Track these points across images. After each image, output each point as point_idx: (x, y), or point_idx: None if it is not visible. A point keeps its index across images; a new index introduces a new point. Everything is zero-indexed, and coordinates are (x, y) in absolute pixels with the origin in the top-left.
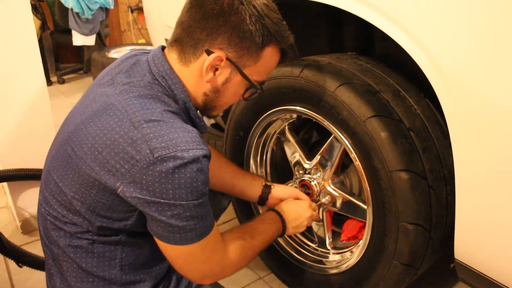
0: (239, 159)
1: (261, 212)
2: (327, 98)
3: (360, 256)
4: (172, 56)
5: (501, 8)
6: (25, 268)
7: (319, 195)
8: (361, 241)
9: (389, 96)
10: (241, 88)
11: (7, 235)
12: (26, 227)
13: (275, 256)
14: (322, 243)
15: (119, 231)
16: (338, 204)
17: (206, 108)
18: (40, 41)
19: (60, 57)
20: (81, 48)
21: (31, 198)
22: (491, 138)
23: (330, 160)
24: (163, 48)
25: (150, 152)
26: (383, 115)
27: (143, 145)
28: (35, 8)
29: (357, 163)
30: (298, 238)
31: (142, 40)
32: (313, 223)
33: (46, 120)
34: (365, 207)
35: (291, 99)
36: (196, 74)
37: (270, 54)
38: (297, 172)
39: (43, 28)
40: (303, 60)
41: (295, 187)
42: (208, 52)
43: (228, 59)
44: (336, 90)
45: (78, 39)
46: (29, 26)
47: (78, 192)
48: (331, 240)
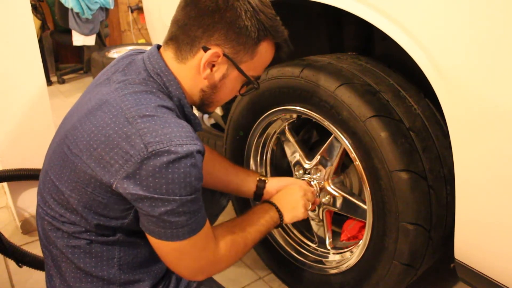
0: (239, 159)
1: None
2: (327, 98)
3: (360, 256)
4: (168, 54)
5: (501, 8)
6: (25, 268)
7: (319, 195)
8: (361, 241)
9: (389, 96)
10: (237, 84)
11: (7, 235)
12: (26, 227)
13: (275, 256)
14: (322, 243)
15: (116, 229)
16: (338, 204)
17: (203, 104)
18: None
19: (60, 57)
20: (81, 48)
21: (31, 198)
22: (491, 138)
23: (330, 160)
24: (158, 47)
25: (145, 146)
26: (383, 115)
27: (137, 139)
28: (35, 8)
29: (357, 163)
30: (298, 238)
31: (142, 40)
32: (313, 223)
33: (46, 120)
34: (365, 207)
35: (291, 99)
36: (194, 71)
37: (266, 49)
38: (297, 172)
39: (43, 28)
40: (303, 60)
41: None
42: (205, 49)
43: (225, 55)
44: (336, 90)
45: (78, 39)
46: (29, 26)
47: (75, 190)
48: (331, 240)
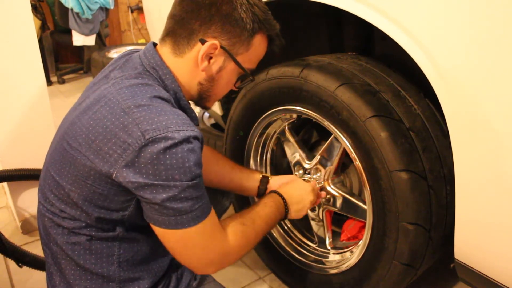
0: (239, 159)
1: None
2: (327, 98)
3: (360, 256)
4: (165, 50)
5: (501, 8)
6: (25, 268)
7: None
8: (361, 241)
9: (389, 96)
10: (234, 77)
11: (7, 235)
12: (26, 227)
13: (275, 256)
14: (322, 243)
15: (116, 223)
16: (338, 204)
17: (201, 98)
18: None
19: (60, 57)
20: (81, 48)
21: (31, 198)
22: (491, 138)
23: (330, 160)
24: (154, 44)
25: (142, 134)
26: (383, 115)
27: (134, 128)
28: (35, 8)
29: (357, 163)
30: (298, 238)
31: (142, 40)
32: (313, 223)
33: (46, 120)
34: (365, 207)
35: (291, 99)
36: (191, 64)
37: (259, 42)
38: (297, 172)
39: (43, 28)
40: (303, 60)
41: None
42: (202, 41)
43: (222, 47)
44: (336, 90)
45: (78, 39)
46: (29, 26)
47: (75, 184)
48: (331, 240)
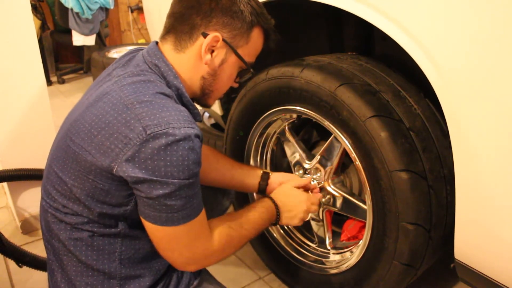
0: (239, 159)
1: None
2: (327, 98)
3: (360, 256)
4: (166, 47)
5: (501, 8)
6: (25, 268)
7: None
8: (361, 241)
9: (389, 96)
10: (235, 70)
11: (7, 235)
12: (26, 227)
13: (275, 256)
14: (322, 243)
15: (119, 219)
16: (338, 204)
17: (203, 94)
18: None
19: (60, 57)
20: (81, 48)
21: (31, 198)
22: (491, 138)
23: (330, 160)
24: (156, 43)
25: (143, 129)
26: (383, 115)
27: (136, 123)
28: (35, 8)
29: (357, 163)
30: (298, 238)
31: (142, 40)
32: (313, 223)
33: (46, 120)
34: (365, 207)
35: (291, 99)
36: (194, 58)
37: (257, 35)
38: (297, 172)
39: (43, 28)
40: (303, 60)
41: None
42: (204, 35)
43: (223, 40)
44: (336, 90)
45: (78, 39)
46: (29, 26)
47: (77, 179)
48: (331, 240)
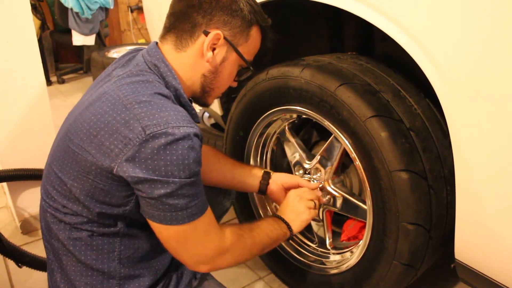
0: (239, 159)
1: (261, 213)
2: (327, 98)
3: (360, 256)
4: (166, 47)
5: (501, 8)
6: (24, 268)
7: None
8: (361, 241)
9: (389, 96)
10: (235, 68)
11: (6, 235)
12: (26, 227)
13: (275, 256)
14: (322, 243)
15: (118, 218)
16: (338, 204)
17: (204, 92)
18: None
19: (60, 57)
20: (81, 48)
21: (31, 198)
22: (491, 138)
23: (330, 160)
24: (156, 43)
25: (142, 129)
26: (383, 115)
27: (136, 124)
28: (35, 8)
29: (357, 163)
30: (298, 238)
31: (142, 40)
32: (313, 223)
33: (46, 120)
34: (365, 207)
35: (291, 99)
36: (195, 56)
37: (256, 34)
38: (297, 172)
39: (42, 28)
40: (303, 60)
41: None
42: (206, 33)
43: (224, 38)
44: (336, 90)
45: (78, 39)
46: (29, 26)
47: (77, 179)
48: (331, 240)
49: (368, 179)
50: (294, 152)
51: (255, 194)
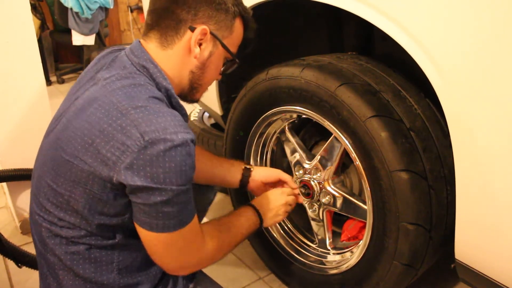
0: (239, 159)
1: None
2: (327, 98)
3: (360, 256)
4: (151, 45)
5: (501, 8)
6: (24, 268)
7: (319, 195)
8: (361, 241)
9: (389, 96)
10: (221, 62)
11: (6, 235)
12: (26, 227)
13: (275, 256)
14: (322, 243)
15: (116, 229)
16: (338, 204)
17: (192, 89)
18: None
19: (60, 57)
20: (80, 48)
21: None
22: (491, 138)
23: (330, 160)
24: (139, 41)
25: (141, 136)
26: (383, 115)
27: (133, 130)
28: (35, 8)
29: (357, 163)
30: (298, 238)
31: None
32: (313, 223)
33: (46, 120)
34: (365, 207)
35: (291, 99)
36: (181, 53)
37: (239, 25)
38: (297, 172)
39: (42, 28)
40: (303, 60)
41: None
42: (192, 29)
43: (211, 32)
44: (336, 90)
45: (78, 39)
46: (28, 26)
47: (74, 190)
48: (331, 240)
49: (368, 179)
50: (294, 152)
51: None
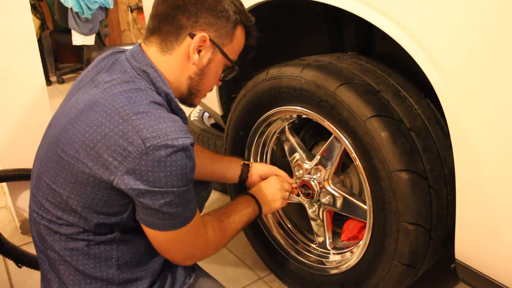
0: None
1: None
2: (327, 98)
3: (361, 256)
4: (151, 50)
5: (501, 8)
6: (24, 268)
7: (319, 195)
8: (361, 241)
9: (389, 96)
10: (220, 68)
11: (6, 235)
12: (26, 227)
13: (275, 256)
14: (322, 243)
15: (114, 226)
16: (339, 204)
17: (190, 94)
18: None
19: (60, 57)
20: (80, 47)
21: None
22: (491, 138)
23: (330, 160)
24: (140, 45)
25: (142, 142)
26: (383, 115)
27: (135, 136)
28: (35, 8)
29: (357, 163)
30: (298, 238)
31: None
32: (313, 224)
33: (46, 120)
34: (365, 207)
35: (291, 99)
36: (181, 59)
37: (240, 33)
38: (297, 172)
39: (42, 28)
40: (303, 60)
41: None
42: (192, 35)
43: (210, 39)
44: (336, 90)
45: (78, 39)
46: (28, 26)
47: (73, 191)
48: (331, 240)
49: (368, 179)
50: (294, 152)
51: None
